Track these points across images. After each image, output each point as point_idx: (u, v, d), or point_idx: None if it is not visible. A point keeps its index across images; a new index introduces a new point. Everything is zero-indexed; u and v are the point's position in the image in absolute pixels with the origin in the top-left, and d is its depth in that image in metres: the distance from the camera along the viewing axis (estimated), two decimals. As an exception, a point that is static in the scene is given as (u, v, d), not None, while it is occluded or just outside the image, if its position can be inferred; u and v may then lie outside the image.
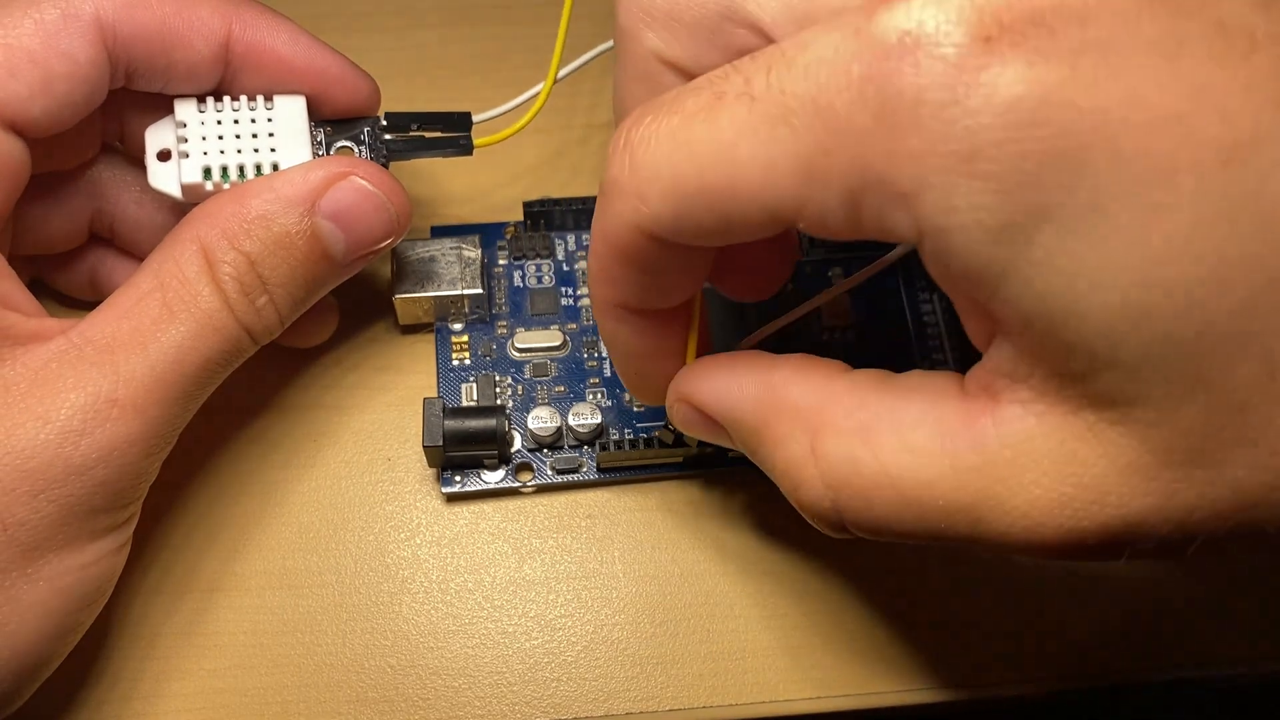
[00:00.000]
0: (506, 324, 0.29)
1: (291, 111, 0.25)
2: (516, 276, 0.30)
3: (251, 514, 0.27)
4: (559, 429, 0.27)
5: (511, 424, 0.27)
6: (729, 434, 0.21)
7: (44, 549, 0.21)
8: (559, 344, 0.28)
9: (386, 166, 0.25)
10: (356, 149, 0.25)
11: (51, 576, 0.21)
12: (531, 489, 0.27)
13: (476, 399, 0.28)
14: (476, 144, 0.26)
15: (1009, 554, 0.17)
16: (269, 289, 0.23)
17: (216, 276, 0.22)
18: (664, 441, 0.26)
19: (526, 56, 0.33)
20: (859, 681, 0.25)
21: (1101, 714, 0.29)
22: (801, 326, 0.29)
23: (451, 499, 0.27)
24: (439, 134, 0.26)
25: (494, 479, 0.27)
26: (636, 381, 0.23)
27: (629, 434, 0.27)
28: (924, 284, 0.30)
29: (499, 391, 0.28)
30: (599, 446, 0.27)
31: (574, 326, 0.29)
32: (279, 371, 0.29)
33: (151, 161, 0.24)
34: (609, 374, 0.28)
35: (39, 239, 0.26)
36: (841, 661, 0.26)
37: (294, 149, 0.24)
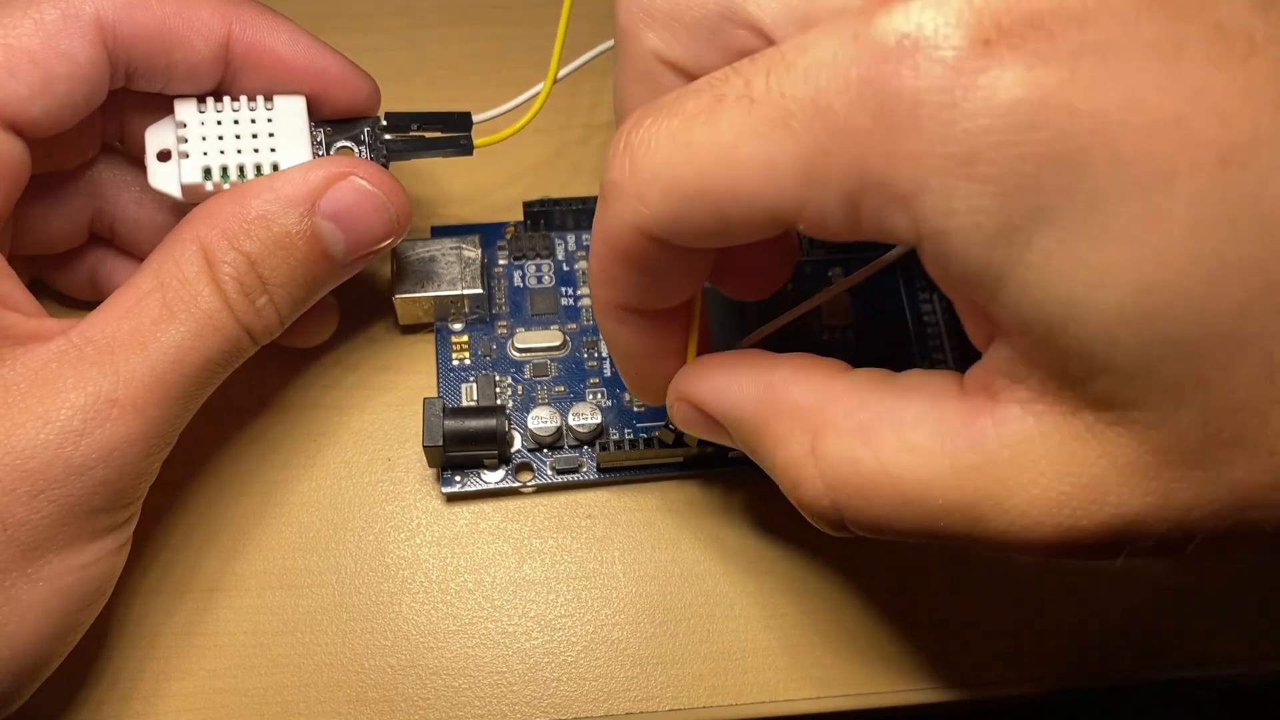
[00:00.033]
0: (506, 324, 0.29)
1: (291, 111, 0.25)
2: (516, 276, 0.30)
3: (251, 514, 0.27)
4: (559, 429, 0.27)
5: (511, 424, 0.27)
6: (729, 433, 0.21)
7: (44, 549, 0.21)
8: (559, 344, 0.28)
9: (386, 166, 0.25)
10: (356, 149, 0.25)
11: (51, 576, 0.21)
12: (531, 489, 0.27)
13: (476, 399, 0.28)
14: (476, 144, 0.26)
15: (1008, 553, 0.17)
16: (269, 289, 0.23)
17: (216, 276, 0.22)
18: (664, 441, 0.26)
19: (526, 56, 0.33)
20: (859, 681, 0.25)
21: (1101, 714, 0.29)
22: (801, 326, 0.29)
23: (451, 499, 0.27)
24: (439, 134, 0.26)
25: (494, 479, 0.27)
26: (637, 381, 0.23)
27: (629, 434, 0.27)
28: (924, 283, 0.30)
29: (499, 391, 0.28)
30: (599, 446, 0.27)
31: (574, 326, 0.29)
32: (279, 371, 0.29)
33: (151, 161, 0.24)
34: (609, 374, 0.28)
35: (39, 239, 0.26)
36: (842, 661, 0.26)
37: (294, 149, 0.24)
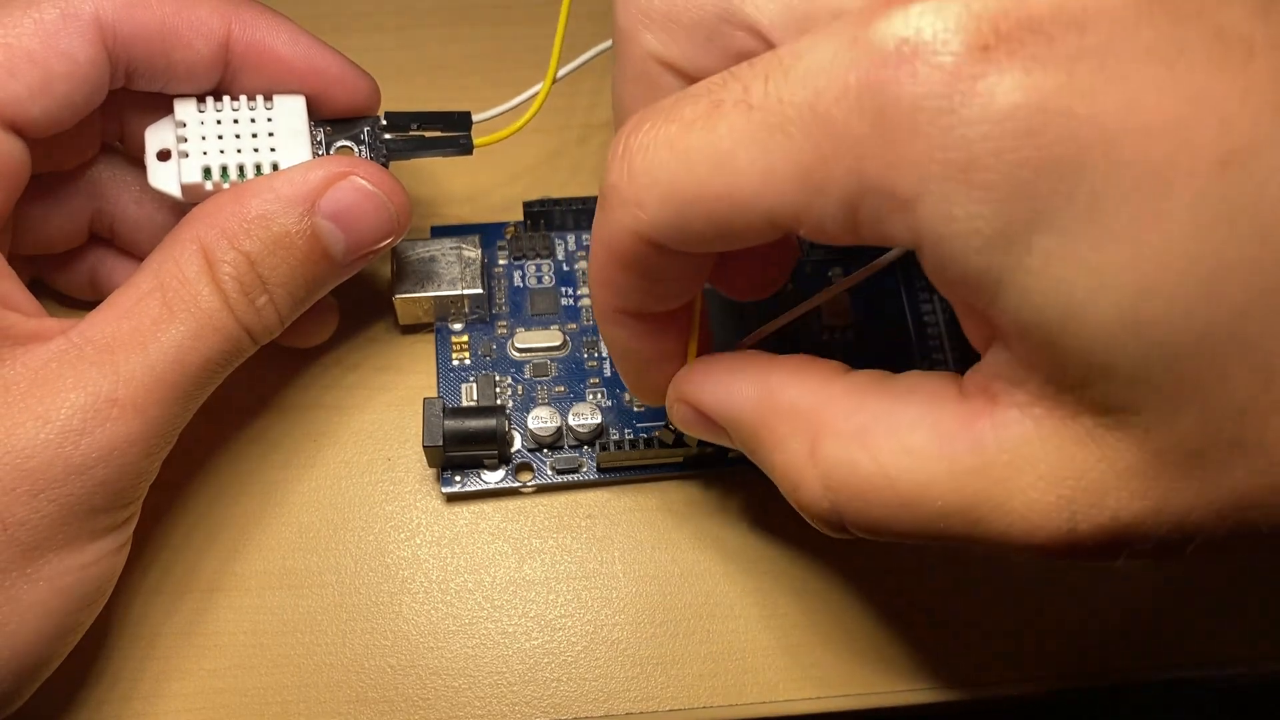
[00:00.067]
0: (506, 324, 0.29)
1: (291, 111, 0.25)
2: (516, 276, 0.30)
3: (251, 514, 0.27)
4: (559, 429, 0.27)
5: (511, 424, 0.27)
6: (728, 434, 0.21)
7: (44, 549, 0.21)
8: (559, 344, 0.28)
9: (386, 166, 0.25)
10: (356, 149, 0.25)
11: (51, 576, 0.21)
12: (531, 489, 0.27)
13: (476, 399, 0.28)
14: (476, 144, 0.26)
15: (1008, 554, 0.17)
16: (269, 289, 0.23)
17: (216, 276, 0.22)
18: (664, 441, 0.26)
19: (526, 56, 0.33)
20: (859, 681, 0.25)
21: (1101, 714, 0.29)
22: (801, 326, 0.29)
23: (451, 499, 0.27)
24: (439, 134, 0.26)
25: (494, 479, 0.27)
26: (637, 382, 0.23)
27: (629, 434, 0.27)
28: (924, 284, 0.30)
29: (499, 391, 0.28)
30: (599, 446, 0.27)
31: (574, 326, 0.29)
32: (279, 371, 0.29)
33: (151, 161, 0.24)
34: (609, 374, 0.28)
35: (39, 239, 0.26)
36: (841, 661, 0.26)
37: (294, 149, 0.24)
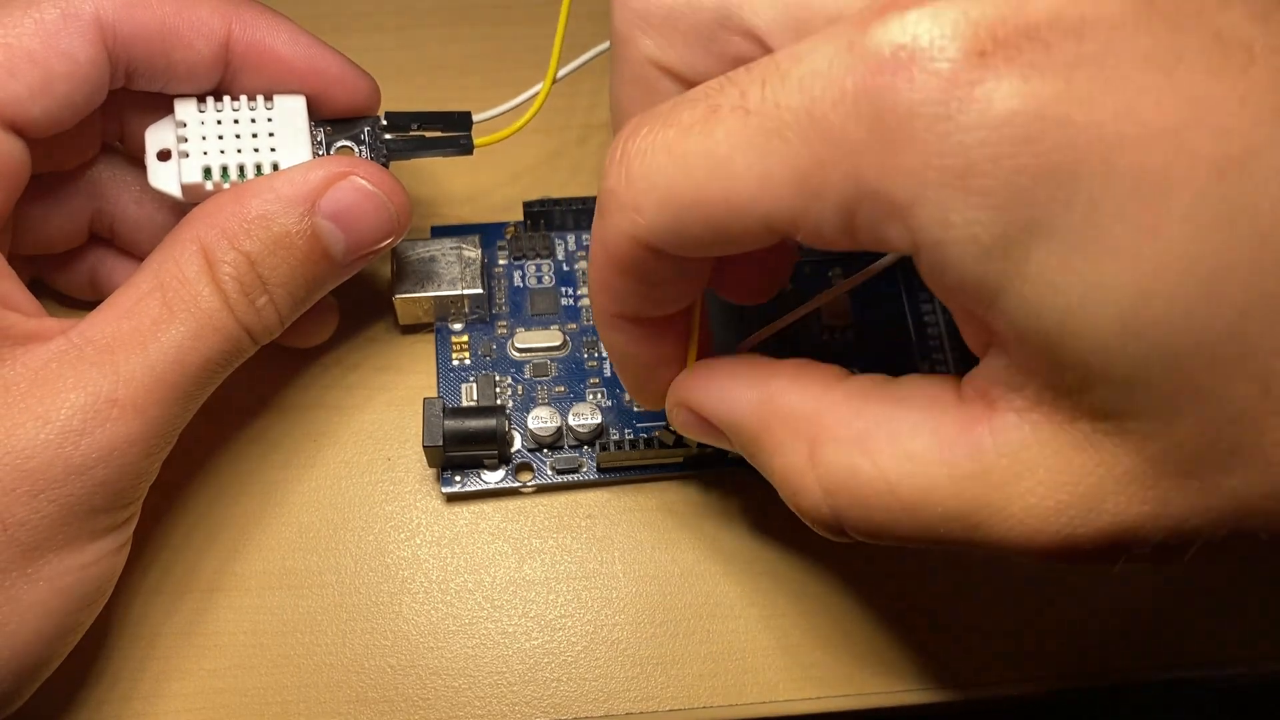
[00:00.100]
0: (506, 324, 0.29)
1: (291, 111, 0.25)
2: (516, 276, 0.30)
3: (251, 514, 0.27)
4: (559, 429, 0.27)
5: (511, 424, 0.27)
6: (728, 439, 0.21)
7: (44, 549, 0.21)
8: (559, 344, 0.28)
9: (386, 166, 0.25)
10: (356, 149, 0.25)
11: (51, 576, 0.21)
12: (531, 489, 0.27)
13: (476, 399, 0.28)
14: (476, 144, 0.26)
15: (1008, 556, 0.18)
16: (269, 289, 0.23)
17: (216, 276, 0.22)
18: (664, 442, 0.26)
19: (526, 56, 0.33)
20: (859, 681, 0.25)
21: (1101, 714, 0.29)
22: (801, 327, 0.29)
23: (451, 499, 0.27)
24: (439, 134, 0.26)
25: (494, 479, 0.27)
26: (636, 386, 0.23)
27: (629, 434, 0.27)
28: (924, 285, 0.30)
29: (499, 391, 0.28)
30: (599, 446, 0.27)
31: (574, 326, 0.29)
32: (279, 371, 0.29)
33: (151, 161, 0.24)
34: (609, 374, 0.28)
35: (39, 239, 0.26)
36: (841, 661, 0.26)
37: (294, 149, 0.24)
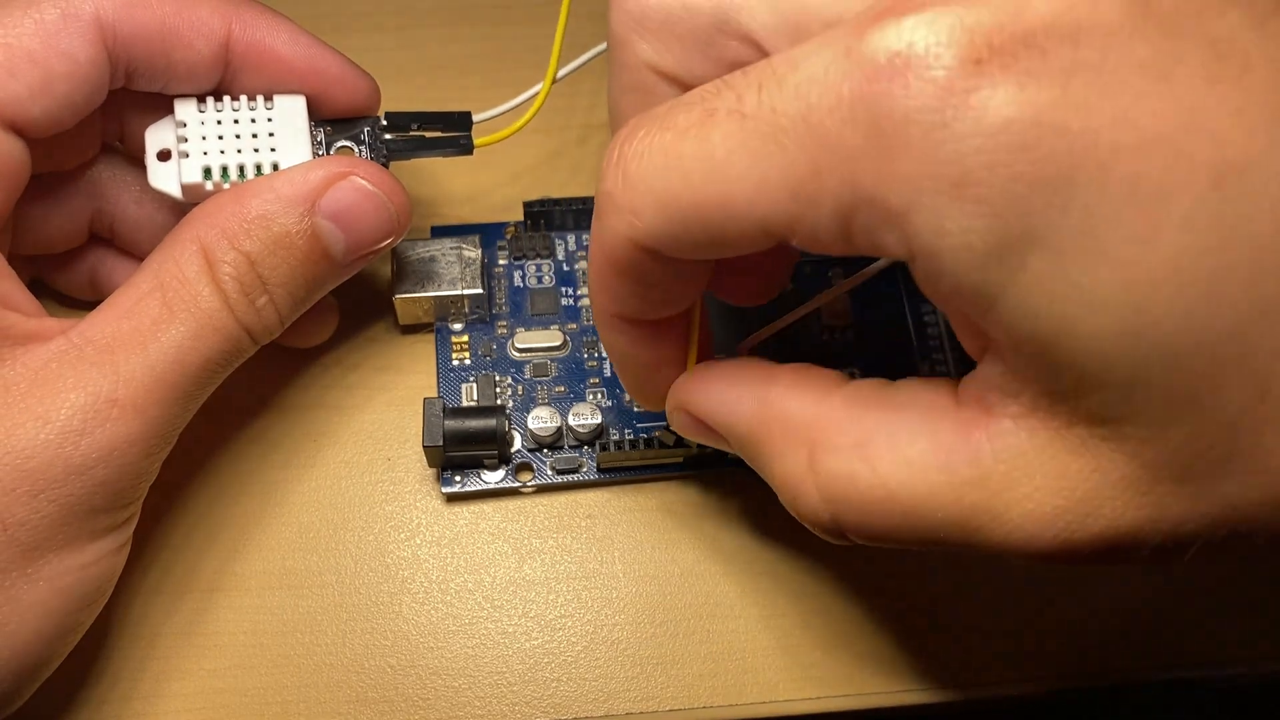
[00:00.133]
0: (506, 324, 0.29)
1: (291, 111, 0.25)
2: (516, 276, 0.30)
3: (251, 514, 0.27)
4: (559, 429, 0.27)
5: (511, 424, 0.27)
6: (728, 443, 0.21)
7: (44, 549, 0.21)
8: (559, 344, 0.28)
9: (386, 166, 0.25)
10: (356, 149, 0.25)
11: (51, 576, 0.21)
12: (531, 489, 0.27)
13: (476, 399, 0.28)
14: (476, 144, 0.26)
15: (1007, 557, 0.18)
16: (269, 289, 0.23)
17: (216, 276, 0.22)
18: (664, 442, 0.26)
19: (526, 56, 0.33)
20: (859, 681, 0.25)
21: (1101, 714, 0.29)
22: (801, 327, 0.29)
23: (451, 499, 0.27)
24: (439, 134, 0.26)
25: (494, 479, 0.27)
26: (636, 388, 0.23)
27: (629, 434, 0.27)
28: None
29: (499, 391, 0.28)
30: (599, 446, 0.27)
31: (574, 326, 0.29)
32: (279, 371, 0.29)
33: (151, 161, 0.24)
34: (609, 374, 0.28)
35: (39, 239, 0.26)
36: (841, 661, 0.26)
37: (294, 149, 0.24)
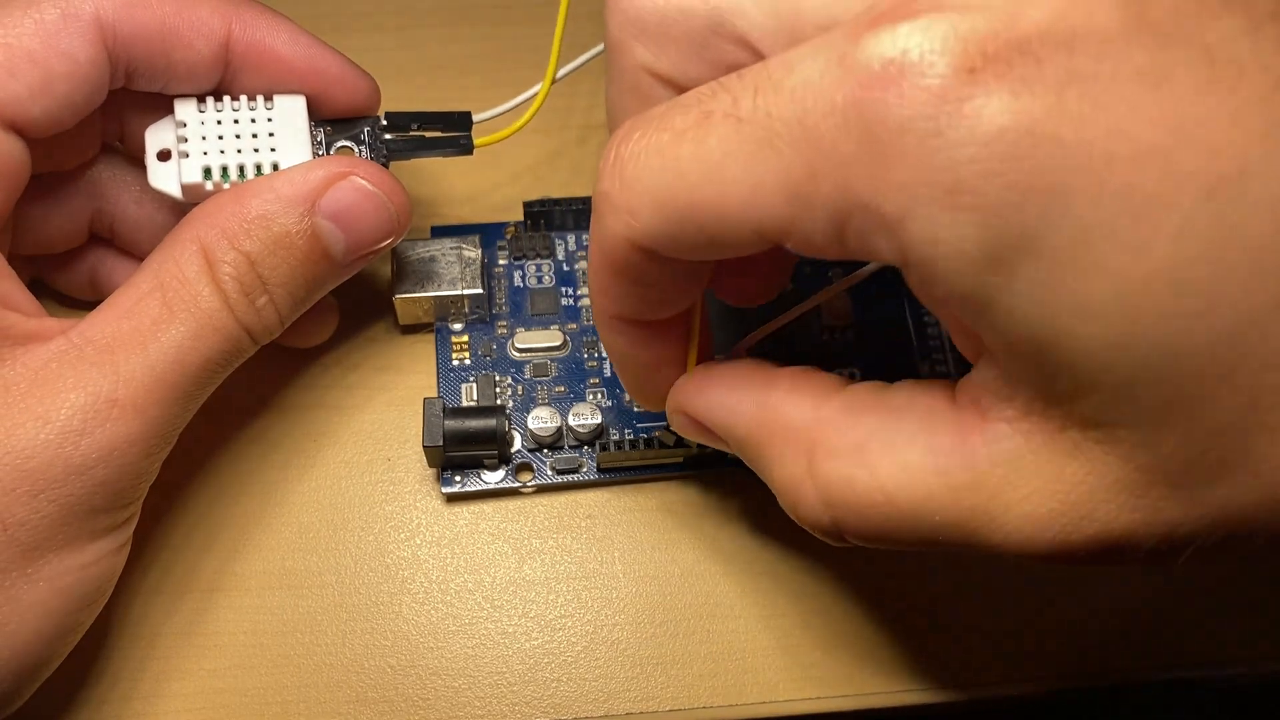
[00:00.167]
0: (506, 324, 0.29)
1: (291, 111, 0.25)
2: (516, 276, 0.30)
3: (251, 514, 0.27)
4: (559, 429, 0.27)
5: (511, 424, 0.27)
6: (727, 446, 0.21)
7: (44, 549, 0.21)
8: (559, 344, 0.28)
9: (386, 166, 0.25)
10: (356, 149, 0.25)
11: (51, 576, 0.21)
12: (531, 489, 0.27)
13: (476, 399, 0.28)
14: (476, 144, 0.26)
15: (1006, 558, 0.18)
16: (269, 289, 0.23)
17: (216, 276, 0.22)
18: (664, 442, 0.26)
19: (526, 56, 0.33)
20: (859, 681, 0.25)
21: (1101, 714, 0.29)
22: (801, 327, 0.29)
23: (451, 499, 0.27)
24: (439, 134, 0.26)
25: (494, 479, 0.27)
26: (637, 388, 0.23)
27: (629, 434, 0.27)
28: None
29: (499, 391, 0.28)
30: (599, 447, 0.27)
31: (574, 326, 0.29)
32: (279, 371, 0.29)
33: (151, 161, 0.24)
34: (609, 374, 0.28)
35: (39, 239, 0.26)
36: (841, 661, 0.26)
37: (294, 149, 0.24)
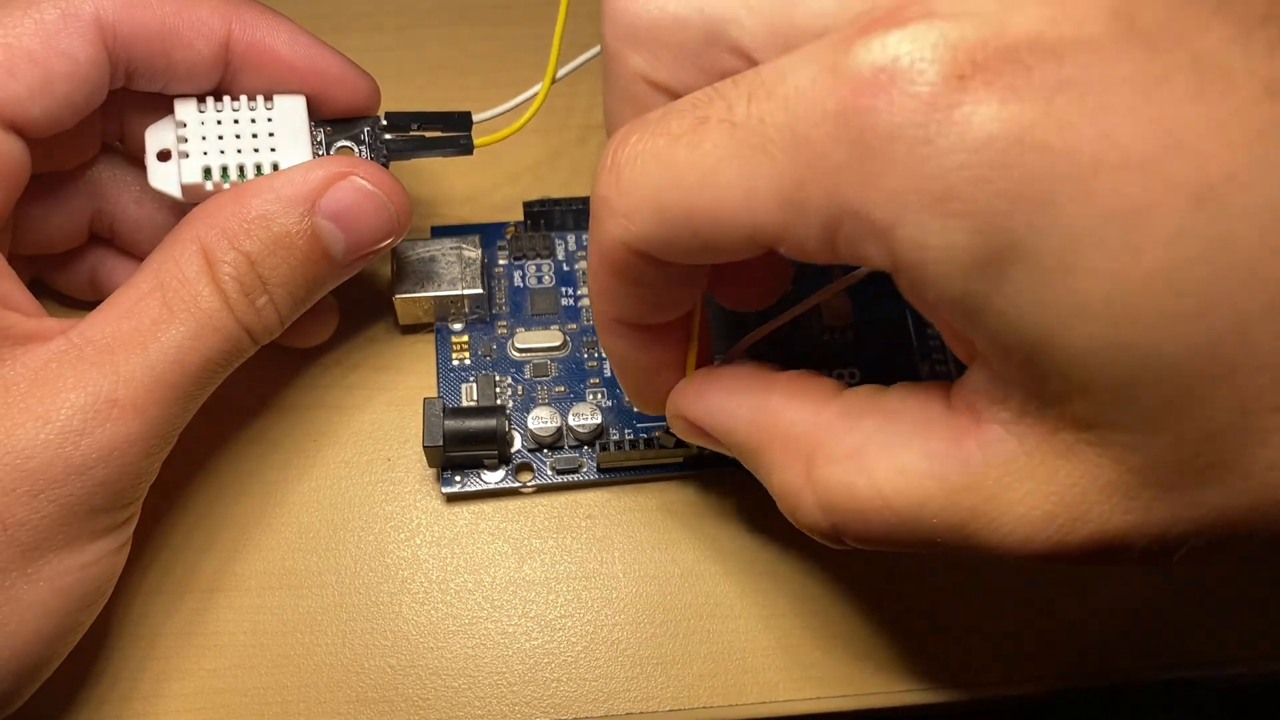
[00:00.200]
0: (506, 324, 0.29)
1: (291, 111, 0.25)
2: (516, 276, 0.30)
3: (251, 514, 0.27)
4: (559, 429, 0.27)
5: (511, 424, 0.27)
6: (727, 449, 0.21)
7: (44, 549, 0.21)
8: (559, 344, 0.28)
9: (386, 166, 0.25)
10: (356, 149, 0.25)
11: (51, 576, 0.21)
12: (531, 489, 0.27)
13: (476, 399, 0.28)
14: (476, 144, 0.26)
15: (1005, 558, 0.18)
16: (269, 289, 0.23)
17: (216, 276, 0.22)
18: (664, 443, 0.26)
19: (526, 56, 0.33)
20: (859, 681, 0.25)
21: (1101, 714, 0.29)
22: (801, 327, 0.29)
23: (451, 499, 0.27)
24: (439, 134, 0.26)
25: (494, 479, 0.27)
26: (636, 391, 0.23)
27: (629, 434, 0.27)
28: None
29: (499, 391, 0.28)
30: (599, 447, 0.27)
31: (574, 326, 0.29)
32: (279, 371, 0.29)
33: (151, 161, 0.24)
34: (609, 374, 0.28)
35: (39, 239, 0.26)
36: (841, 661, 0.26)
37: (294, 149, 0.24)
